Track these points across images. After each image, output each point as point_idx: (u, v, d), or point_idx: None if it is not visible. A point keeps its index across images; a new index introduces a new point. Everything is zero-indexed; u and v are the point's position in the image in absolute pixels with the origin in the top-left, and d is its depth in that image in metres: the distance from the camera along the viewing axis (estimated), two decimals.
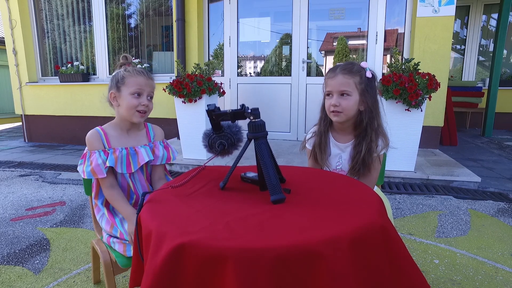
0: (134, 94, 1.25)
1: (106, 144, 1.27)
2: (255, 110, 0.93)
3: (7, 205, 2.57)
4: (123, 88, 1.25)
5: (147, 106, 1.28)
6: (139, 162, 1.31)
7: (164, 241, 0.72)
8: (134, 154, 1.30)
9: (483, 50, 6.12)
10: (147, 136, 1.38)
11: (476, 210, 2.38)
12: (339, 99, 1.23)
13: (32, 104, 5.17)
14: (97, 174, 1.22)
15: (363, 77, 1.24)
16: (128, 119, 1.29)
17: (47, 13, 5.17)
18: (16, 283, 1.57)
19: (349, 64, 1.26)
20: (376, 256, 0.74)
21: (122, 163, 1.28)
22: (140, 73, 1.27)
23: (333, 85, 1.25)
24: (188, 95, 3.14)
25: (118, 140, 1.30)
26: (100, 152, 1.24)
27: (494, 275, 1.59)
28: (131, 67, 1.29)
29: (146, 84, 1.27)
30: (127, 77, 1.25)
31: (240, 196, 0.95)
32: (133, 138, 1.34)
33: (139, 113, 1.27)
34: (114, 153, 1.26)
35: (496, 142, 4.54)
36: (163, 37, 4.83)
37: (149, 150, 1.34)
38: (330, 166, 1.37)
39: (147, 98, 1.28)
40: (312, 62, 4.40)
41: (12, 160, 4.03)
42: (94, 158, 1.22)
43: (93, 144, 1.25)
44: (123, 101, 1.26)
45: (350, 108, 1.23)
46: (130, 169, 1.29)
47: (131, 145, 1.31)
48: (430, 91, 2.62)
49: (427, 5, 3.59)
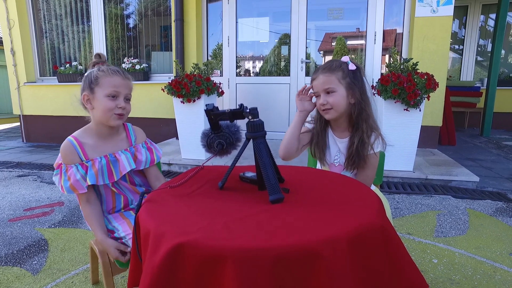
0: (110, 96, 1.14)
1: (82, 156, 1.16)
2: (254, 110, 0.93)
3: (5, 206, 2.56)
4: (97, 89, 1.14)
5: (125, 109, 1.17)
6: (121, 171, 1.21)
7: (162, 241, 0.72)
8: (115, 161, 1.21)
9: (481, 50, 6.14)
10: (127, 140, 1.27)
11: (474, 210, 2.38)
12: (325, 97, 1.27)
13: (30, 104, 5.16)
14: (78, 190, 1.14)
15: (346, 71, 1.26)
16: (104, 122, 1.18)
17: (45, 13, 5.15)
18: (14, 284, 1.56)
19: (328, 63, 1.30)
20: (375, 256, 0.74)
21: (103, 173, 1.18)
22: (116, 73, 1.16)
23: (317, 86, 1.29)
24: (186, 95, 3.14)
25: (95, 148, 1.19)
26: (77, 166, 1.15)
27: (492, 275, 1.59)
28: (105, 66, 1.18)
29: (123, 85, 1.16)
30: (101, 77, 1.14)
31: (238, 196, 0.95)
32: (112, 143, 1.23)
33: (117, 115, 1.16)
34: (94, 166, 1.16)
35: (494, 142, 4.55)
36: (161, 37, 4.83)
37: (131, 157, 1.24)
38: (328, 160, 1.38)
39: (124, 100, 1.17)
40: (310, 62, 4.40)
41: (10, 161, 4.01)
42: (72, 173, 1.14)
43: (68, 158, 1.15)
44: (98, 104, 1.14)
45: (338, 104, 1.26)
46: (113, 178, 1.20)
47: (111, 151, 1.21)
48: (428, 91, 2.62)
49: (425, 5, 3.60)
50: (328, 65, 1.28)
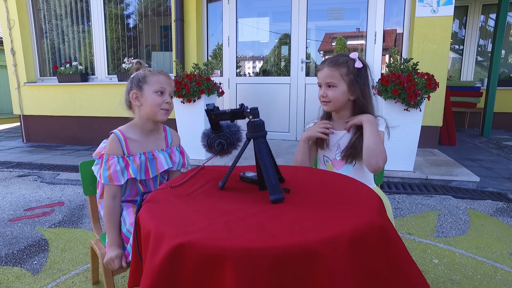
0: (158, 92, 1.24)
1: (125, 150, 1.24)
2: (254, 110, 0.93)
3: (6, 206, 2.56)
4: (145, 87, 1.24)
5: (170, 104, 1.28)
6: (158, 168, 1.29)
7: (162, 241, 0.71)
8: (152, 159, 1.28)
9: (481, 50, 6.14)
10: (165, 141, 1.36)
11: (475, 210, 2.38)
12: (326, 90, 1.31)
13: (30, 104, 5.16)
14: (114, 181, 1.20)
15: (351, 67, 1.27)
16: (152, 118, 1.27)
17: (45, 13, 5.15)
18: (14, 284, 1.56)
19: (336, 56, 1.31)
20: (375, 256, 0.74)
21: (141, 169, 1.26)
22: (161, 72, 1.28)
23: (320, 77, 1.32)
24: (187, 95, 3.14)
25: (137, 144, 1.27)
26: (119, 158, 1.22)
27: (493, 275, 1.59)
28: (147, 68, 1.30)
29: (167, 83, 1.28)
30: (149, 76, 1.25)
31: (239, 196, 0.95)
32: (152, 142, 1.32)
33: (164, 110, 1.26)
34: (135, 161, 1.24)
35: (495, 142, 4.55)
36: (161, 37, 4.83)
37: (168, 157, 1.32)
38: (330, 156, 1.38)
39: (169, 96, 1.28)
40: (311, 62, 4.40)
41: (10, 161, 4.01)
42: (113, 163, 1.20)
43: (113, 149, 1.23)
44: (146, 100, 1.24)
45: (337, 99, 1.29)
46: (148, 175, 1.28)
47: (150, 150, 1.29)
48: (428, 91, 2.62)
49: (425, 5, 3.60)
50: (335, 59, 1.30)
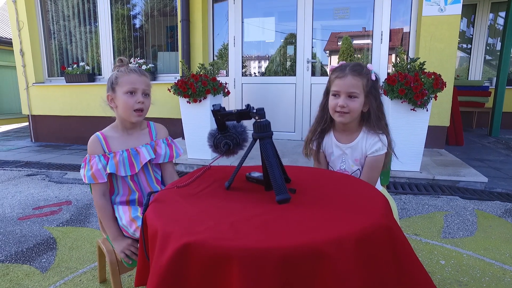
0: (128, 93, 1.24)
1: (105, 148, 1.27)
2: (261, 110, 0.93)
3: (15, 204, 2.60)
4: (117, 88, 1.25)
5: (143, 103, 1.26)
6: (141, 161, 1.30)
7: (169, 240, 0.72)
8: (136, 155, 1.30)
9: (490, 49, 6.06)
10: (149, 135, 1.37)
11: (483, 211, 2.36)
12: (346, 100, 1.22)
13: (38, 104, 5.23)
14: (98, 179, 1.23)
15: (369, 79, 1.25)
16: (126, 119, 1.28)
17: (53, 14, 5.22)
18: (24, 281, 1.58)
19: (358, 66, 1.25)
20: (381, 257, 0.74)
21: (125, 165, 1.27)
22: (132, 71, 1.26)
23: (341, 86, 1.23)
24: (193, 95, 3.15)
25: (119, 141, 1.30)
26: (99, 156, 1.25)
27: (501, 277, 1.57)
28: (124, 67, 1.28)
29: (139, 81, 1.25)
30: (120, 77, 1.24)
31: (245, 196, 0.95)
32: (135, 138, 1.33)
33: (136, 112, 1.26)
34: (115, 157, 1.26)
35: (504, 142, 4.49)
36: (167, 38, 4.85)
37: (151, 149, 1.33)
38: (334, 167, 1.37)
39: (142, 95, 1.26)
40: (316, 62, 4.39)
41: (19, 160, 4.07)
42: (94, 162, 1.23)
43: (92, 149, 1.26)
44: (119, 102, 1.25)
45: (356, 110, 1.24)
46: (134, 170, 1.29)
47: (133, 146, 1.31)
48: (436, 90, 2.60)
49: (432, 4, 3.56)
50: (359, 69, 1.24)
